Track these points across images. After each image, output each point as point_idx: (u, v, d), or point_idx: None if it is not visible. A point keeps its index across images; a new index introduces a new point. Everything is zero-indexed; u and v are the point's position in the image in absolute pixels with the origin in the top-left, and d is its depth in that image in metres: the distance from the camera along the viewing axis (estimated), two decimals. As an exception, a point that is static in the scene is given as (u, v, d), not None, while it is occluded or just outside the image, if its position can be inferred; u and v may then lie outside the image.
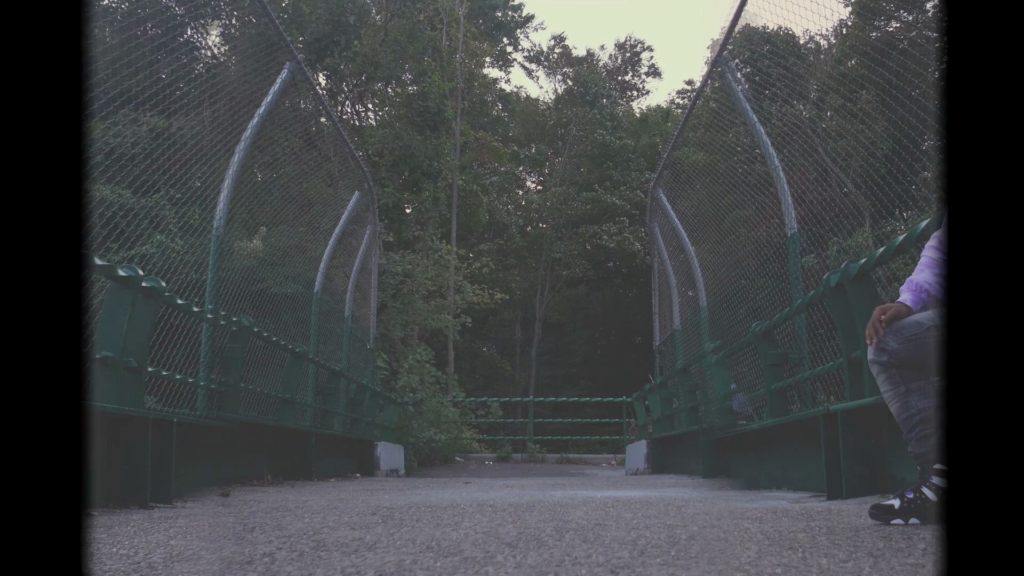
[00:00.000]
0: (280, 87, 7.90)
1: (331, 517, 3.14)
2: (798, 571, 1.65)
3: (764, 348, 6.43)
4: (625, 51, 41.51)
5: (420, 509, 3.53)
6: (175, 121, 7.26)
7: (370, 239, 12.94)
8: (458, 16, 26.40)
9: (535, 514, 3.19)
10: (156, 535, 2.57)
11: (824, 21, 12.23)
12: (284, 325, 9.98)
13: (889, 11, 18.09)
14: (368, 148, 20.42)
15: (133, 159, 6.70)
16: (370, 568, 1.77)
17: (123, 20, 7.36)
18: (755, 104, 8.01)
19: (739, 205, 9.59)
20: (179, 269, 7.59)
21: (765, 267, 8.69)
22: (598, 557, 1.90)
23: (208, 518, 3.22)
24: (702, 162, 11.36)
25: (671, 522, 2.82)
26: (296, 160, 10.31)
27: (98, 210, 6.67)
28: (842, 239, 7.67)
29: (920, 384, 2.60)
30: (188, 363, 6.90)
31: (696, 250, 10.96)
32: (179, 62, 7.36)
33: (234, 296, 8.06)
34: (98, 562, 1.93)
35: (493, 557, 1.92)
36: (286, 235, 10.48)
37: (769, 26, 8.95)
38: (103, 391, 4.36)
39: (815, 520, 2.82)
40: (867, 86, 7.82)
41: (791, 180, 7.56)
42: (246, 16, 10.10)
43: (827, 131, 8.72)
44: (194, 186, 7.83)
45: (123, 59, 6.12)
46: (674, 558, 1.88)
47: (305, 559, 1.93)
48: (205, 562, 1.91)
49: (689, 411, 9.43)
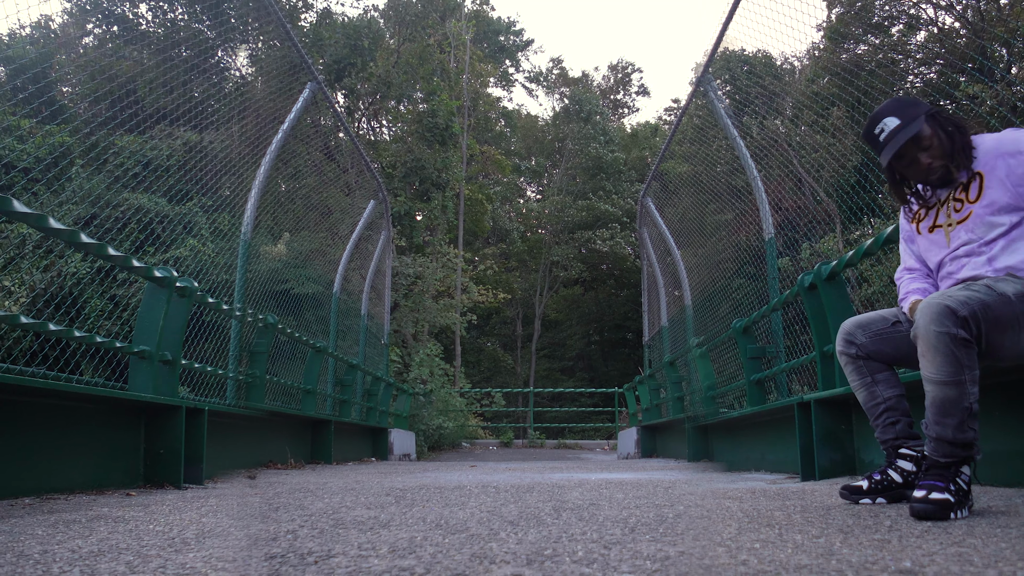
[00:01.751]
0: (302, 105, 7.90)
1: (349, 498, 3.13)
2: (775, 546, 1.65)
3: (744, 343, 6.43)
4: (617, 72, 41.56)
5: (430, 490, 3.52)
6: (206, 135, 7.26)
7: (384, 244, 12.94)
8: (465, 40, 26.41)
9: (535, 495, 3.19)
10: (189, 513, 2.57)
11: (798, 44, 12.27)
12: (306, 322, 9.99)
13: (858, 35, 18.08)
14: (382, 160, 20.42)
15: (168, 170, 6.71)
16: (384, 544, 1.76)
17: (159, 44, 7.36)
18: (735, 120, 8.00)
19: (721, 212, 9.58)
20: (210, 270, 7.60)
21: (744, 269, 8.68)
22: (592, 534, 1.90)
23: (236, 498, 3.22)
24: (687, 173, 11.35)
25: (659, 502, 2.81)
26: (317, 171, 10.31)
27: (136, 217, 6.68)
28: (815, 243, 7.67)
29: (886, 375, 2.60)
30: (218, 357, 6.91)
31: (681, 253, 10.95)
32: (210, 81, 7.35)
33: (260, 295, 8.07)
34: (136, 537, 1.93)
35: (497, 534, 1.92)
36: (308, 240, 10.49)
37: (748, 49, 8.94)
38: (141, 382, 4.36)
39: (790, 500, 2.82)
40: (838, 103, 7.80)
41: (768, 189, 7.55)
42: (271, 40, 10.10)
43: (801, 144, 8.71)
44: (224, 195, 7.84)
45: (160, 79, 6.13)
46: (662, 535, 1.87)
47: (325, 536, 1.93)
48: (234, 538, 1.91)
49: (675, 401, 9.42)
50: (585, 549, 1.65)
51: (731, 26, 6.87)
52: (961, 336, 2.09)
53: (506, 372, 33.18)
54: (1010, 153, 2.34)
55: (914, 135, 2.40)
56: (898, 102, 2.49)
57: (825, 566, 1.40)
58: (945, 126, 2.43)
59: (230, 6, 8.89)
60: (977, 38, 16.25)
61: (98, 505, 2.90)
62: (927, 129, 2.41)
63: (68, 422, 3.46)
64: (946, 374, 2.10)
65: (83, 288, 7.21)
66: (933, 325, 2.11)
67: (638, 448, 10.58)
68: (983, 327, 2.13)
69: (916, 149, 2.43)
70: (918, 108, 2.44)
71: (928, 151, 2.42)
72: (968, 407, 2.13)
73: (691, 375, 8.65)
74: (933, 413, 2.18)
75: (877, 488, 2.54)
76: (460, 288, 23.11)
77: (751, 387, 6.32)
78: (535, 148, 38.53)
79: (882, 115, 2.47)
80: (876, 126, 2.47)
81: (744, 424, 6.17)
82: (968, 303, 2.12)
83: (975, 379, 2.12)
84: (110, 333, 6.15)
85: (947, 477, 2.13)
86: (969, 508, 2.13)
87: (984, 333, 2.15)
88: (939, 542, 1.65)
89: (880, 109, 2.50)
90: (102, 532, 2.06)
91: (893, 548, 1.59)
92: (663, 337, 12.10)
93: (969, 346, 2.11)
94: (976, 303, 2.14)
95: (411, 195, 20.47)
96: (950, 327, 2.09)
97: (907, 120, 2.42)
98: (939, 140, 2.41)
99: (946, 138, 2.42)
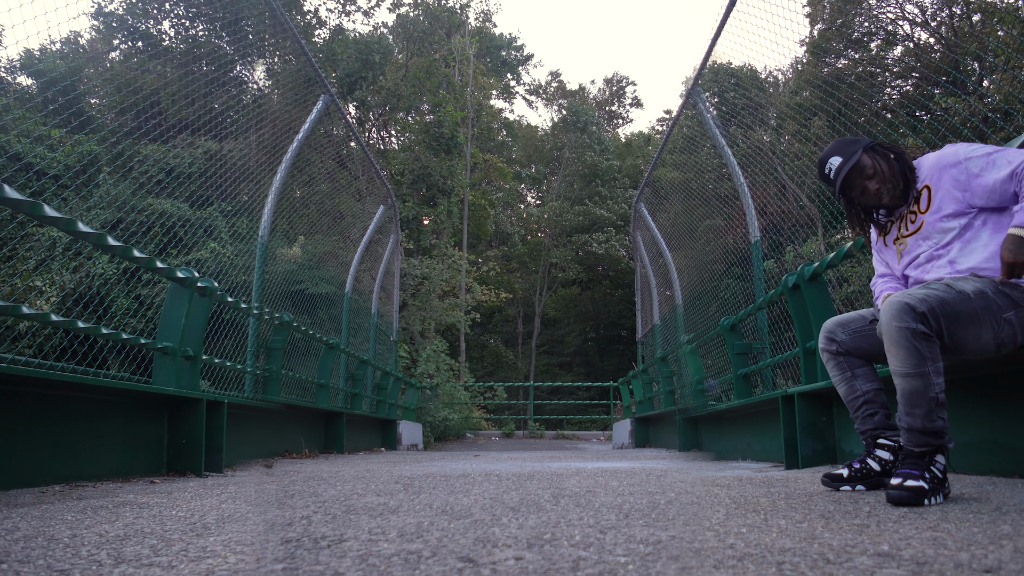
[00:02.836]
0: (316, 116, 7.89)
1: (360, 485, 3.13)
2: (760, 531, 1.65)
3: (731, 339, 6.43)
4: (612, 85, 41.53)
5: (436, 478, 3.52)
6: (226, 144, 7.26)
7: (393, 247, 12.94)
8: (468, 55, 26.40)
9: (535, 483, 3.19)
10: (209, 500, 2.57)
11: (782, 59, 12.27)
12: (319, 320, 9.99)
13: (838, 50, 18.07)
14: (391, 168, 20.43)
15: (190, 177, 6.71)
16: (393, 529, 1.76)
17: (182, 58, 7.37)
18: (723, 130, 7.99)
19: (710, 216, 9.57)
20: (229, 272, 7.61)
21: (732, 270, 8.68)
22: (589, 519, 1.90)
23: (254, 486, 3.22)
24: (678, 180, 11.34)
25: (651, 489, 2.81)
26: (330, 178, 10.31)
27: (160, 221, 6.68)
28: (798, 246, 7.66)
29: (864, 370, 2.62)
30: (237, 352, 6.91)
31: (673, 255, 10.94)
32: (229, 94, 7.36)
33: (276, 295, 8.07)
34: (159, 522, 1.93)
35: (499, 519, 1.92)
36: (321, 243, 10.49)
37: (735, 63, 8.93)
38: (164, 376, 4.37)
39: (775, 487, 2.82)
40: (819, 114, 7.80)
41: (754, 195, 7.55)
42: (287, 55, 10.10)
43: (785, 153, 8.70)
44: (242, 200, 7.84)
45: (182, 91, 6.13)
46: (654, 520, 1.87)
47: (337, 521, 1.92)
48: (252, 523, 1.91)
49: (667, 394, 9.42)
50: (582, 533, 1.65)
51: (719, 41, 6.86)
52: (920, 330, 2.14)
53: (508, 367, 33.16)
54: (951, 164, 2.42)
55: (855, 166, 2.54)
56: (840, 143, 2.63)
57: (808, 549, 1.40)
58: (885, 155, 2.57)
59: (248, 23, 8.89)
60: (951, 53, 16.23)
61: (124, 492, 2.90)
62: (867, 159, 2.55)
63: (96, 414, 3.46)
64: (910, 366, 2.15)
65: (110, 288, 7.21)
66: (894, 321, 2.17)
67: (632, 439, 10.57)
68: (942, 322, 2.18)
69: (862, 179, 2.56)
70: (857, 144, 2.58)
71: (873, 178, 2.55)
72: (934, 397, 2.17)
73: (682, 370, 8.64)
74: (903, 404, 2.21)
75: (857, 476, 2.54)
76: (464, 288, 23.10)
77: (738, 381, 6.32)
78: (535, 156, 38.51)
79: (827, 156, 2.61)
80: (825, 167, 2.62)
81: (732, 416, 6.16)
82: (926, 300, 2.18)
83: (939, 371, 2.16)
84: (135, 330, 6.15)
85: (922, 466, 2.16)
86: (945, 495, 2.14)
87: (945, 328, 2.19)
88: (915, 527, 1.65)
89: (825, 152, 2.64)
90: (128, 517, 2.06)
91: (872, 532, 1.59)
92: (655, 334, 12.09)
93: (929, 339, 2.16)
94: (934, 299, 2.19)
95: (418, 201, 20.47)
96: (909, 322, 2.15)
97: (848, 156, 2.56)
98: (880, 167, 2.54)
99: (887, 165, 2.54)
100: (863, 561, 1.28)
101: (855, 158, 2.53)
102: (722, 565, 1.26)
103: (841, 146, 2.61)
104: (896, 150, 2.59)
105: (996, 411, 2.78)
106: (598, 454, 7.68)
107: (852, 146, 2.58)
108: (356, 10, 22.55)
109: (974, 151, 2.41)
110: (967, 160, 2.39)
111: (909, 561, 1.26)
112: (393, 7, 24.41)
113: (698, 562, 1.29)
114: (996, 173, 2.32)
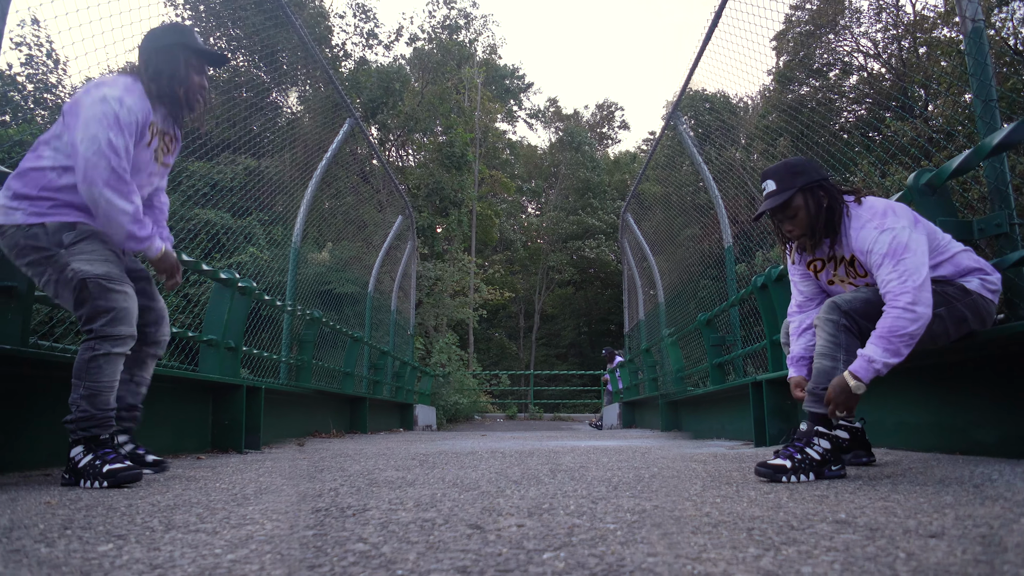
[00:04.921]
0: (342, 137, 7.90)
1: (381, 461, 3.14)
2: (733, 501, 1.65)
3: (707, 333, 6.42)
4: (603, 110, 41.48)
5: (448, 455, 3.52)
6: (263, 162, 7.26)
7: (410, 252, 12.94)
8: (476, 84, 26.41)
9: (535, 459, 3.19)
10: (248, 474, 2.58)
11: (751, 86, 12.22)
12: (345, 316, 10.00)
13: (801, 78, 18.03)
14: (408, 183, 20.44)
15: (232, 190, 6.71)
16: (410, 500, 1.77)
17: (224, 85, 7.37)
18: (700, 148, 7.98)
19: (688, 225, 9.56)
20: (266, 273, 7.61)
21: (708, 272, 8.66)
22: (582, 491, 1.90)
23: (288, 462, 3.22)
24: (660, 193, 11.33)
25: (637, 464, 2.81)
26: (354, 192, 10.32)
27: (205, 229, 6.68)
28: (766, 251, 7.64)
29: None
30: (273, 344, 6.92)
31: (656, 259, 10.93)
32: (266, 117, 7.36)
33: (307, 294, 8.08)
34: (205, 493, 1.94)
35: (503, 491, 1.92)
36: (347, 248, 10.49)
37: (709, 89, 8.91)
38: (209, 365, 4.37)
39: (746, 462, 2.81)
40: (784, 135, 7.80)
41: (728, 206, 7.53)
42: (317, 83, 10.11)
43: (754, 168, 8.68)
44: (277, 211, 7.84)
45: (225, 115, 6.13)
46: (640, 491, 1.87)
47: (361, 493, 1.93)
48: (286, 494, 1.92)
49: (651, 381, 9.41)
50: (576, 503, 1.65)
51: (696, 71, 6.84)
52: (842, 323, 2.19)
53: (511, 357, 33.16)
54: (862, 252, 2.22)
55: (782, 204, 2.28)
56: (785, 167, 2.31)
57: (774, 517, 1.40)
58: (819, 201, 2.26)
59: (283, 55, 8.89)
60: (900, 81, 16.19)
61: (174, 467, 2.90)
62: (798, 200, 2.26)
63: (151, 398, 3.46)
64: (826, 350, 2.21)
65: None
66: (823, 313, 2.25)
67: (619, 420, 10.56)
68: (862, 321, 2.20)
69: (783, 216, 2.32)
70: (798, 179, 2.26)
71: (792, 220, 2.30)
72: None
73: (664, 360, 8.63)
74: (813, 381, 2.23)
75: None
76: (473, 288, 23.08)
77: (713, 369, 6.31)
78: (535, 172, 38.46)
79: (767, 175, 2.32)
80: (763, 183, 2.34)
81: (708, 400, 6.16)
82: (851, 301, 2.22)
83: (849, 361, 2.16)
84: (184, 325, 6.16)
85: (798, 447, 2.16)
86: (822, 474, 2.12)
87: (867, 327, 2.19)
88: (868, 497, 1.65)
89: (769, 169, 2.33)
90: (177, 489, 2.06)
91: (831, 503, 1.59)
92: (640, 329, 12.08)
93: (849, 332, 2.19)
94: (858, 301, 2.22)
95: (433, 211, 20.46)
96: (833, 316, 2.21)
97: (782, 188, 2.27)
98: (806, 213, 2.27)
99: (813, 213, 2.26)
100: (823, 527, 1.28)
101: (786, 195, 2.25)
102: (699, 531, 1.26)
103: (784, 172, 2.29)
104: (832, 202, 2.26)
105: (940, 396, 2.77)
106: (590, 434, 7.67)
107: (792, 179, 2.27)
108: (378, 44, 22.52)
109: (877, 249, 2.16)
110: (869, 253, 2.19)
111: (863, 527, 1.26)
112: (410, 41, 24.40)
113: (678, 528, 1.29)
114: (879, 277, 2.17)
